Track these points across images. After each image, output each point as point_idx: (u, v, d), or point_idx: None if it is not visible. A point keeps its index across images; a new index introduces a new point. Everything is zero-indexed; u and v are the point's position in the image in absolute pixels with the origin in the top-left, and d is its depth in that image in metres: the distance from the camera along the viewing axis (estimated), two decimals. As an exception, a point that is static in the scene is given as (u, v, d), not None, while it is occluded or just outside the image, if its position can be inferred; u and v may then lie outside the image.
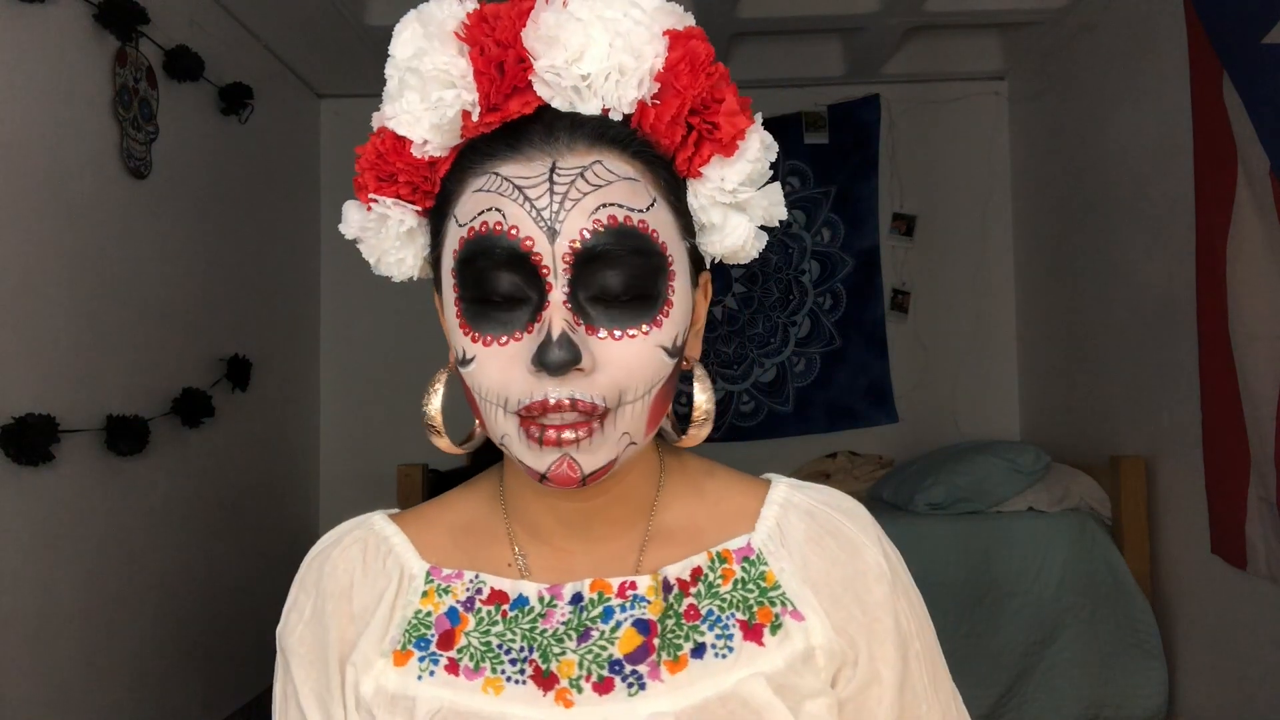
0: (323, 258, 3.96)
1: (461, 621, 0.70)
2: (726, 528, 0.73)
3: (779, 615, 0.69)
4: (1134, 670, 2.73)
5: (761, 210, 0.70)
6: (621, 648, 0.67)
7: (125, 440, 2.42)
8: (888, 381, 3.98)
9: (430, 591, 0.71)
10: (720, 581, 0.70)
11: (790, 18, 3.41)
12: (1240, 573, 2.36)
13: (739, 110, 0.66)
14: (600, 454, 0.63)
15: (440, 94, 0.64)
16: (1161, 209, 2.73)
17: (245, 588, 3.15)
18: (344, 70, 3.67)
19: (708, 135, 0.66)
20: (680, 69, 0.65)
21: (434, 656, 0.69)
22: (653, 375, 0.64)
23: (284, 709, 0.74)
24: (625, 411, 0.63)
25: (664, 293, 0.64)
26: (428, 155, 0.66)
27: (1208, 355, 2.43)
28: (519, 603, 0.70)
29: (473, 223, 0.64)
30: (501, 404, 0.64)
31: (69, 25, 2.31)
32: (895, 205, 4.00)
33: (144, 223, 2.63)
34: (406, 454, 3.23)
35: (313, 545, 0.77)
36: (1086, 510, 2.92)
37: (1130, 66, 2.92)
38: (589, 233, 0.62)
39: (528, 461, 0.64)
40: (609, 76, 0.64)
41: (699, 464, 0.77)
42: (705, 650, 0.68)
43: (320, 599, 0.73)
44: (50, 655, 2.22)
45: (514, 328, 0.63)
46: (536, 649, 0.68)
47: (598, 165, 0.63)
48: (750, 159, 0.67)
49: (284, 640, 0.74)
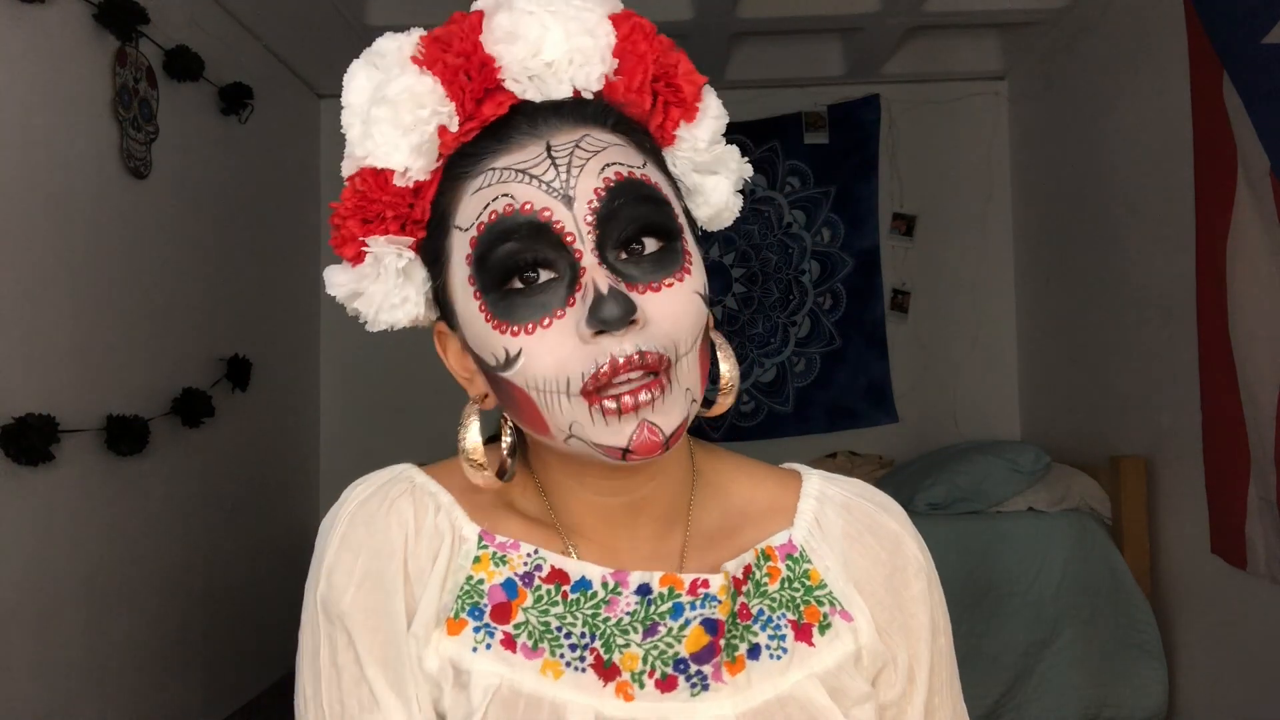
0: (323, 258, 3.96)
1: (519, 596, 0.67)
2: (764, 524, 0.73)
3: (827, 615, 0.69)
4: (1134, 670, 2.73)
5: (734, 168, 0.72)
6: (688, 646, 0.66)
7: (125, 440, 2.42)
8: (888, 381, 3.98)
9: (484, 558, 0.68)
10: (767, 580, 0.70)
11: (790, 18, 3.41)
12: (1240, 573, 2.36)
13: (692, 69, 0.69)
14: (674, 413, 0.62)
15: (414, 114, 0.64)
16: (1161, 209, 2.73)
17: (245, 588, 3.15)
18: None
19: (672, 99, 0.69)
20: (636, 38, 0.67)
21: (489, 629, 0.66)
22: (695, 322, 0.64)
23: (333, 680, 0.66)
24: (683, 365, 0.63)
25: (681, 240, 0.65)
26: (412, 182, 0.66)
27: (1208, 355, 2.43)
28: (581, 585, 0.68)
29: (480, 218, 0.63)
30: (564, 389, 0.61)
31: (69, 25, 2.31)
32: (895, 205, 4.00)
33: (144, 223, 2.63)
34: (406, 454, 3.23)
35: (316, 538, 0.71)
36: (1086, 510, 2.92)
37: (1130, 66, 2.92)
38: (602, 190, 0.62)
39: (607, 440, 0.61)
40: (572, 60, 0.65)
41: (725, 456, 0.77)
42: (760, 651, 0.67)
43: (375, 559, 0.67)
44: (50, 655, 2.22)
45: (553, 306, 0.62)
46: (599, 637, 0.66)
47: (587, 137, 0.64)
48: (714, 115, 0.70)
49: (335, 605, 0.66)
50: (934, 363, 3.96)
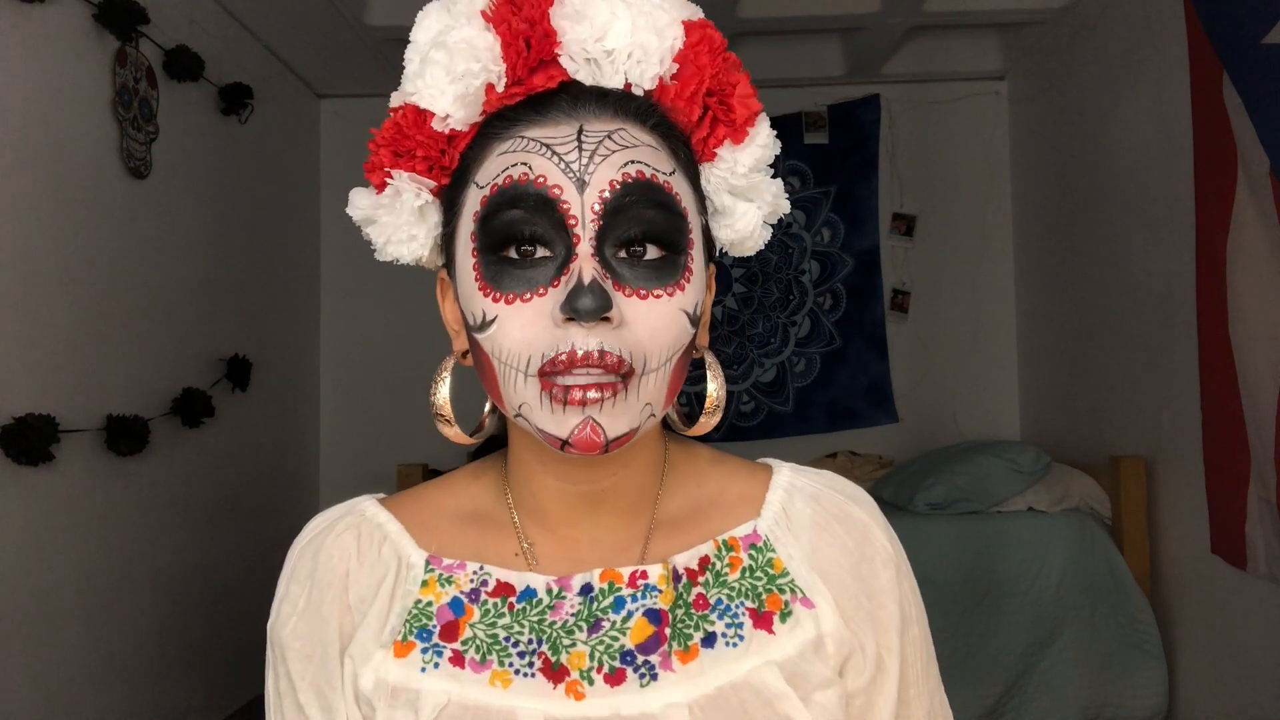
0: (323, 258, 3.96)
1: (466, 613, 0.68)
2: (731, 515, 0.73)
3: (789, 603, 0.69)
4: (1134, 670, 2.73)
5: (769, 200, 0.72)
6: (633, 638, 0.67)
7: (125, 440, 2.42)
8: (888, 381, 3.98)
9: (431, 581, 0.70)
10: (728, 570, 0.70)
11: (790, 18, 3.41)
12: (1240, 573, 2.36)
13: (751, 94, 0.69)
14: (623, 420, 0.62)
15: (467, 66, 0.65)
16: (1161, 209, 2.73)
17: (245, 587, 3.15)
18: (344, 70, 3.67)
19: (722, 117, 0.69)
20: (700, 49, 0.67)
21: (438, 648, 0.67)
22: (675, 340, 0.64)
23: (278, 706, 0.71)
24: (648, 380, 0.63)
25: (685, 256, 0.65)
26: (449, 129, 0.67)
27: (1208, 355, 2.43)
28: (526, 594, 0.69)
29: (496, 180, 0.64)
30: (523, 366, 0.62)
31: (69, 25, 2.31)
32: (895, 205, 4.00)
33: (144, 223, 2.63)
34: (406, 454, 3.23)
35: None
36: (1086, 510, 2.92)
37: (1130, 67, 2.92)
38: (618, 184, 0.63)
39: (549, 428, 0.62)
40: (631, 53, 0.66)
41: (702, 451, 0.77)
42: (716, 639, 0.68)
43: (315, 589, 0.71)
44: (50, 655, 2.22)
45: (538, 283, 0.62)
46: (545, 641, 0.67)
47: (622, 131, 0.65)
48: (760, 144, 0.69)
49: (277, 634, 0.71)
50: (934, 363, 3.96)
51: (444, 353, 0.72)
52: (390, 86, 0.70)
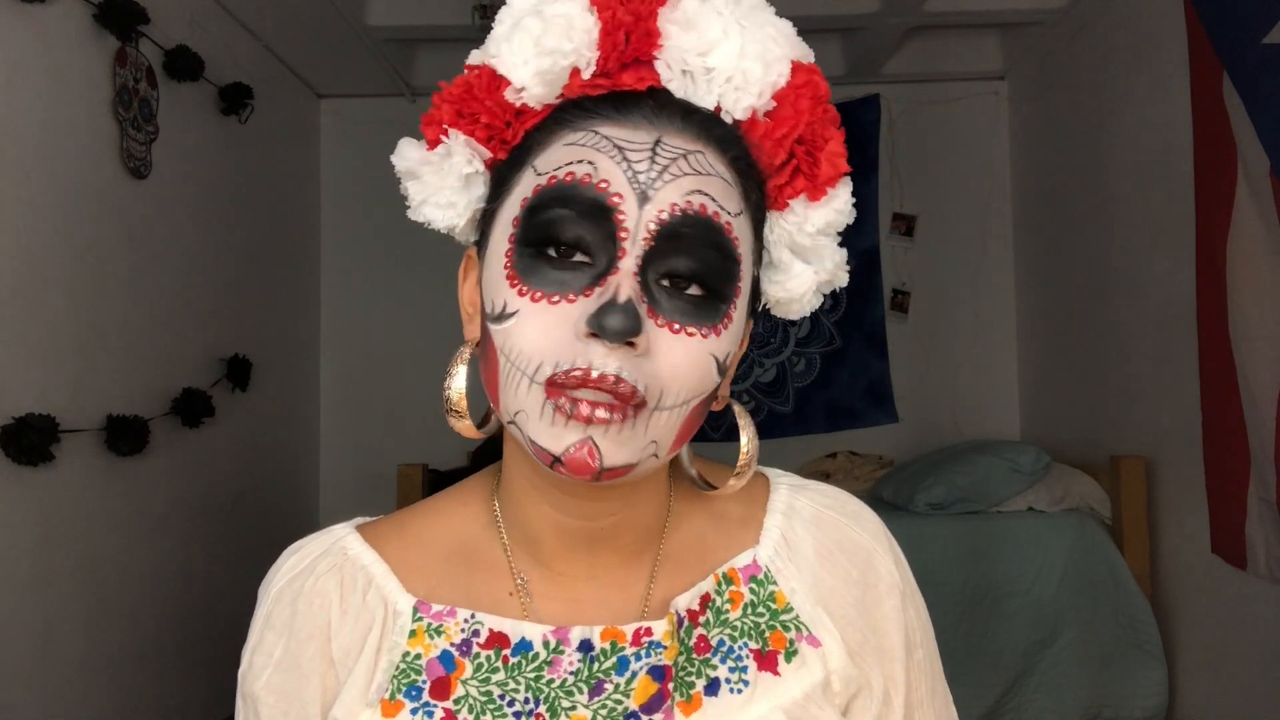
0: (323, 258, 3.96)
1: (458, 668, 0.64)
2: (733, 541, 0.70)
3: (793, 641, 0.65)
4: (1134, 670, 2.72)
5: (829, 268, 0.68)
6: (637, 699, 0.62)
7: (125, 440, 2.42)
8: (888, 381, 3.97)
9: (419, 631, 0.65)
10: (729, 607, 0.66)
11: (790, 18, 3.39)
12: (1240, 573, 2.36)
13: (842, 154, 0.65)
14: (624, 450, 0.57)
15: (558, 43, 0.61)
16: (1161, 209, 2.73)
17: (245, 588, 3.14)
18: (344, 70, 3.67)
19: (806, 170, 0.65)
20: (803, 92, 0.64)
21: (429, 708, 0.62)
22: (698, 383, 0.59)
23: None
24: (660, 417, 0.58)
25: (730, 302, 0.61)
26: (520, 102, 0.63)
27: (1208, 355, 2.43)
28: (522, 647, 0.64)
29: (556, 171, 0.60)
30: (530, 372, 0.57)
31: (69, 25, 2.31)
32: (895, 205, 4.00)
33: (144, 223, 2.63)
34: (406, 454, 3.23)
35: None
36: (1086, 510, 2.92)
37: (1130, 66, 2.92)
38: (679, 209, 0.58)
39: (543, 441, 0.58)
40: (732, 77, 0.62)
41: (705, 464, 0.72)
42: (719, 686, 0.64)
43: (294, 641, 0.66)
44: (50, 655, 2.22)
45: (570, 288, 0.58)
46: (544, 701, 0.62)
47: (700, 155, 0.61)
48: (837, 208, 0.65)
49: (249, 687, 0.66)
50: (934, 363, 3.96)
51: (444, 352, 0.69)
52: (390, 86, 0.68)
